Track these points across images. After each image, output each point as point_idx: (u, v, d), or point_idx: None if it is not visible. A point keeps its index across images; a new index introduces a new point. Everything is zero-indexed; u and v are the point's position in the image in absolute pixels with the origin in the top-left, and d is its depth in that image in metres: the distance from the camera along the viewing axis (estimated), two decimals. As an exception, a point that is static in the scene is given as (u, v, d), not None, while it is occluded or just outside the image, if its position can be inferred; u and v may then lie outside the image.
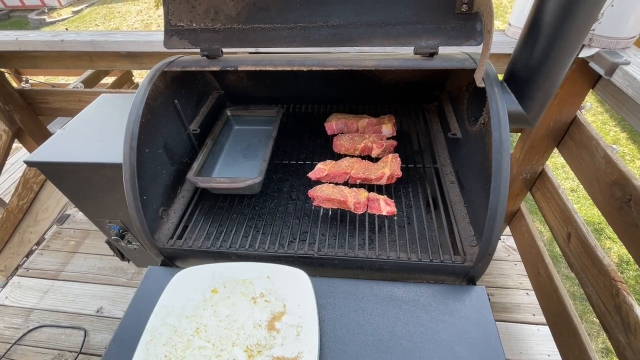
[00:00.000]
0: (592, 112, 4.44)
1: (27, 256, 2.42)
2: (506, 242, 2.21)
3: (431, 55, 0.89)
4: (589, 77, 1.33)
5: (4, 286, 2.23)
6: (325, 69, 0.89)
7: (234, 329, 0.81)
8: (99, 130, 1.28)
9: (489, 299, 0.85)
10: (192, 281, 0.89)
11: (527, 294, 1.94)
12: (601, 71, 1.20)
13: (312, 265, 0.96)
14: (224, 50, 0.98)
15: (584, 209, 3.30)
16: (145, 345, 0.78)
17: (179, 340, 0.79)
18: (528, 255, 1.84)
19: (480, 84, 0.81)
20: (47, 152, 1.19)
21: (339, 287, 0.89)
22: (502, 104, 0.78)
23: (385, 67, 0.88)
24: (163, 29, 0.98)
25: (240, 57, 1.01)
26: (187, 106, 1.21)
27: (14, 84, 2.06)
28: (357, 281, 0.90)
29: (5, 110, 1.97)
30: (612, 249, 2.91)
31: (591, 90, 1.37)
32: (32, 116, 2.14)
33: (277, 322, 0.81)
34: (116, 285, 2.15)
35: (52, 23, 10.53)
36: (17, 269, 2.34)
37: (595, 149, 1.31)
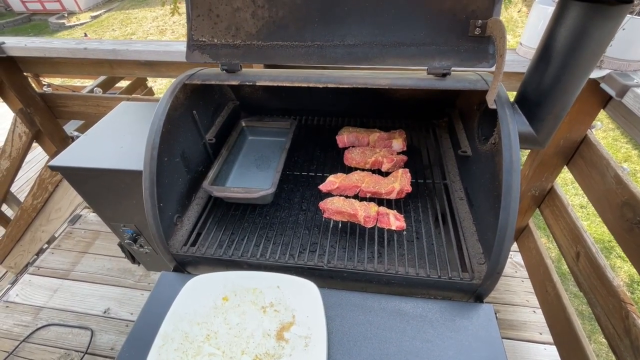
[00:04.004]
0: (603, 129, 4.41)
1: (38, 255, 2.47)
2: (513, 259, 2.19)
3: (444, 75, 0.92)
4: (600, 98, 1.34)
5: (13, 283, 2.28)
6: (341, 86, 0.92)
7: (243, 337, 0.82)
8: (119, 137, 1.32)
9: (497, 317, 0.85)
10: (204, 288, 0.91)
11: (534, 311, 1.92)
12: (612, 92, 1.21)
13: (321, 277, 0.98)
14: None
15: (594, 226, 3.25)
16: (158, 350, 0.80)
17: (189, 346, 0.81)
18: (535, 273, 1.82)
19: (492, 105, 0.83)
20: (69, 157, 1.23)
21: (348, 299, 0.91)
22: (513, 126, 0.80)
23: (398, 86, 0.91)
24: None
25: (258, 71, 1.05)
26: (204, 116, 1.25)
27: (35, 88, 2.13)
28: (365, 294, 0.91)
29: (27, 112, 2.04)
30: (622, 269, 2.86)
31: (602, 109, 1.38)
32: (51, 119, 2.21)
33: (286, 332, 0.83)
34: (124, 287, 2.18)
35: (71, 27, 10.86)
36: (27, 267, 2.40)
37: (605, 168, 1.32)
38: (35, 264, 2.37)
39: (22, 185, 3.62)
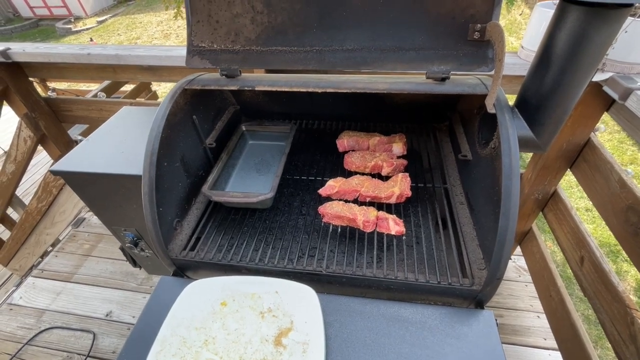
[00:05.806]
0: (608, 131, 4.37)
1: (42, 257, 2.49)
2: (517, 262, 2.17)
3: (443, 79, 0.91)
4: (603, 101, 1.32)
5: (18, 285, 2.30)
6: (340, 91, 0.92)
7: (241, 342, 0.82)
8: (120, 142, 1.33)
9: (497, 324, 0.84)
10: (202, 293, 0.91)
11: (538, 316, 1.89)
12: (615, 95, 1.19)
13: (320, 282, 0.98)
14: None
15: (600, 229, 3.21)
16: (156, 355, 0.80)
17: (187, 351, 0.81)
18: (539, 277, 1.80)
19: (491, 110, 0.82)
20: (71, 161, 1.24)
21: (346, 305, 0.90)
22: (512, 131, 0.79)
23: (397, 90, 0.90)
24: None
25: (258, 76, 1.05)
26: (204, 121, 1.25)
27: (40, 92, 2.16)
28: (364, 300, 0.91)
29: (32, 117, 2.07)
30: (629, 273, 2.82)
31: (605, 112, 1.36)
32: (56, 123, 2.24)
33: (284, 338, 0.82)
34: (126, 290, 2.20)
35: (77, 32, 11.03)
36: (31, 269, 2.42)
37: (609, 172, 1.30)
38: (40, 266, 2.39)
39: (27, 189, 3.66)
